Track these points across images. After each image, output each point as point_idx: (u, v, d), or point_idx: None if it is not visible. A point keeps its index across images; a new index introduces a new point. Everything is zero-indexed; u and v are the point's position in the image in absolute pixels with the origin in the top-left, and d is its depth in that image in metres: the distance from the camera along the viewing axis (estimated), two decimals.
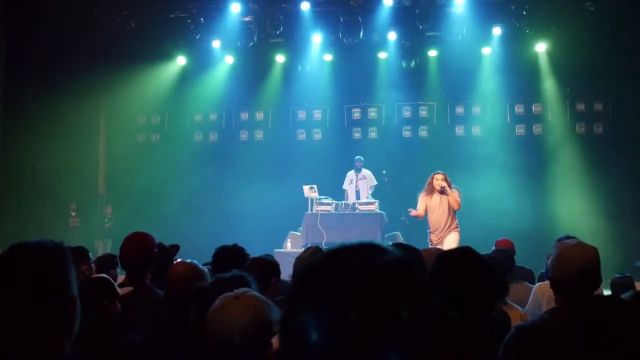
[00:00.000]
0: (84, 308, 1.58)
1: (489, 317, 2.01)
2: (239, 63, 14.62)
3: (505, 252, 5.36)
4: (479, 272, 2.03)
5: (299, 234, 12.35)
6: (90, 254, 5.21)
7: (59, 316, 1.45)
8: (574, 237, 4.89)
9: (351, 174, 12.65)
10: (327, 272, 0.93)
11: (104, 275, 3.69)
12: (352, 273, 0.91)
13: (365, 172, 12.57)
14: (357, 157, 12.60)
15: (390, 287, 0.90)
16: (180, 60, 14.58)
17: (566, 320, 2.77)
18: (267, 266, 4.15)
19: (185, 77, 14.83)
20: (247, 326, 1.81)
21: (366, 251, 0.95)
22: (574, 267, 3.01)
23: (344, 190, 12.68)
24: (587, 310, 2.11)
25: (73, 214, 14.28)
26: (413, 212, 9.62)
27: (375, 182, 12.58)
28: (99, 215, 14.65)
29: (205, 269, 3.67)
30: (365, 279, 0.90)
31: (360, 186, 12.52)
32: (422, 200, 9.51)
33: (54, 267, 1.46)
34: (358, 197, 12.43)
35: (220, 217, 13.63)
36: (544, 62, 13.70)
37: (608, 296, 2.33)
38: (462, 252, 2.17)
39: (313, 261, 0.99)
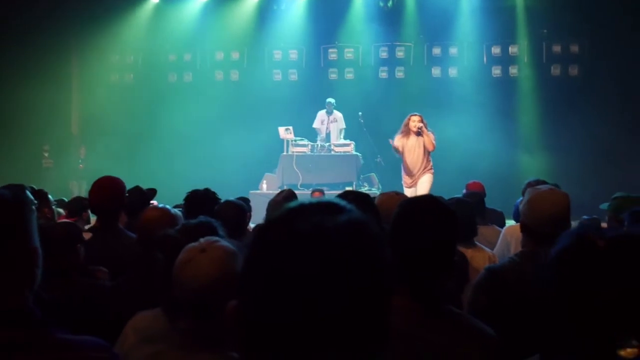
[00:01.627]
0: (47, 254, 1.55)
1: (450, 263, 2.03)
2: (213, 1, 14.32)
3: (475, 195, 5.42)
4: (443, 221, 2.04)
5: (274, 175, 12.36)
6: (50, 195, 5.16)
7: (19, 269, 1.43)
8: (544, 181, 4.96)
9: (322, 114, 12.57)
10: (281, 236, 0.93)
11: (68, 220, 3.66)
12: (303, 238, 0.91)
13: (336, 114, 12.51)
14: (328, 100, 12.51)
15: (341, 250, 0.90)
16: None
17: (535, 264, 2.82)
18: (237, 210, 4.13)
19: (159, 16, 14.53)
20: (214, 281, 1.81)
21: (320, 211, 0.94)
22: (545, 213, 3.06)
23: (314, 129, 12.63)
24: (562, 252, 2.15)
25: (46, 154, 14.13)
26: (394, 143, 9.59)
27: (344, 126, 12.52)
28: (73, 156, 14.50)
29: (178, 212, 3.65)
30: (315, 243, 0.91)
31: (331, 128, 12.48)
32: (399, 141, 9.53)
33: (12, 218, 1.43)
34: (328, 140, 12.41)
35: (196, 158, 13.58)
36: (520, 3, 13.61)
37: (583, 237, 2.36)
38: (426, 200, 2.17)
39: (266, 223, 0.99)
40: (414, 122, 9.41)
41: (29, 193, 2.82)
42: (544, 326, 2.07)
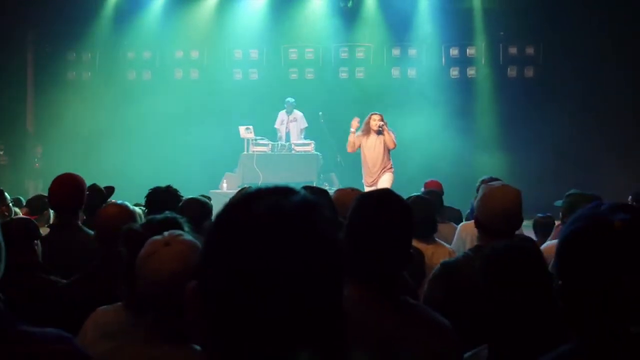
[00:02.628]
0: (5, 251, 1.55)
1: (406, 257, 2.09)
2: (173, 0, 14.23)
3: (433, 193, 5.52)
4: (398, 214, 2.09)
5: (235, 174, 12.33)
6: (6, 193, 5.10)
7: None
8: (497, 179, 5.08)
9: (282, 114, 12.60)
10: (238, 216, 0.97)
11: (25, 216, 3.63)
12: (259, 217, 0.95)
13: (296, 113, 12.54)
14: (287, 99, 12.53)
15: (295, 228, 0.94)
16: None
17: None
18: (201, 207, 4.14)
19: (119, 14, 14.35)
20: (177, 275, 1.82)
21: (275, 193, 0.98)
22: (497, 209, 3.15)
23: (275, 129, 12.66)
24: (492, 254, 2.25)
25: (1, 152, 13.86)
26: (349, 138, 9.62)
27: (306, 124, 12.58)
28: (29, 154, 14.25)
29: (138, 210, 3.65)
30: (271, 223, 0.94)
31: (290, 128, 12.51)
32: (358, 138, 9.59)
33: None
34: (288, 139, 12.44)
35: (155, 157, 13.45)
36: (477, 5, 13.83)
37: (513, 243, 2.47)
38: (382, 194, 2.22)
39: (224, 207, 1.02)
40: (375, 120, 9.48)
41: None
42: (492, 317, 2.15)
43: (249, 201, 0.98)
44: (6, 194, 5.08)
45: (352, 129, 9.66)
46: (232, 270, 0.93)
